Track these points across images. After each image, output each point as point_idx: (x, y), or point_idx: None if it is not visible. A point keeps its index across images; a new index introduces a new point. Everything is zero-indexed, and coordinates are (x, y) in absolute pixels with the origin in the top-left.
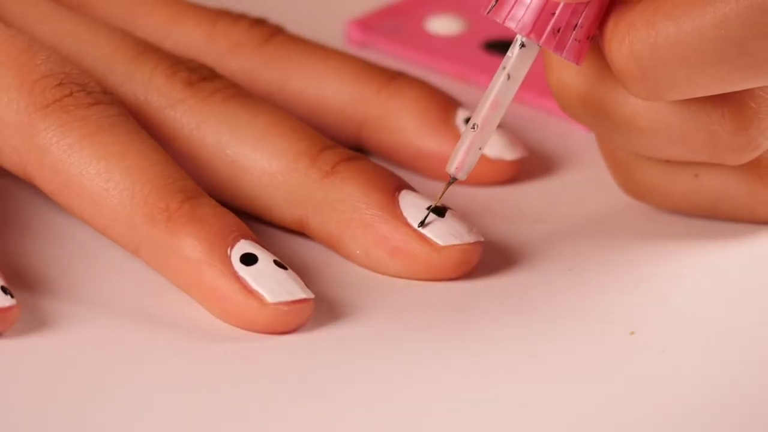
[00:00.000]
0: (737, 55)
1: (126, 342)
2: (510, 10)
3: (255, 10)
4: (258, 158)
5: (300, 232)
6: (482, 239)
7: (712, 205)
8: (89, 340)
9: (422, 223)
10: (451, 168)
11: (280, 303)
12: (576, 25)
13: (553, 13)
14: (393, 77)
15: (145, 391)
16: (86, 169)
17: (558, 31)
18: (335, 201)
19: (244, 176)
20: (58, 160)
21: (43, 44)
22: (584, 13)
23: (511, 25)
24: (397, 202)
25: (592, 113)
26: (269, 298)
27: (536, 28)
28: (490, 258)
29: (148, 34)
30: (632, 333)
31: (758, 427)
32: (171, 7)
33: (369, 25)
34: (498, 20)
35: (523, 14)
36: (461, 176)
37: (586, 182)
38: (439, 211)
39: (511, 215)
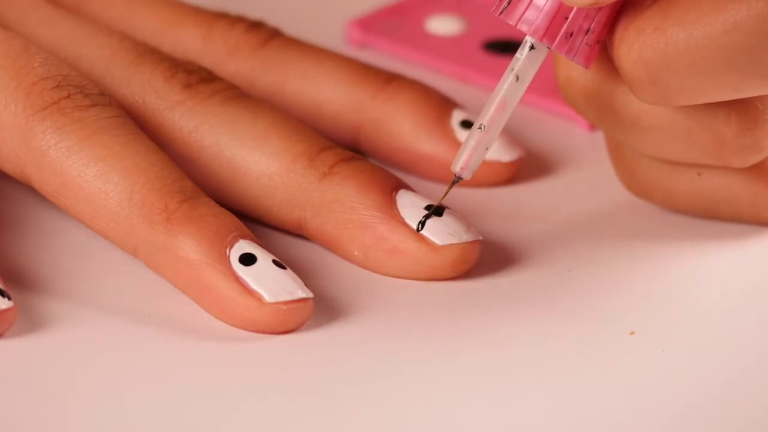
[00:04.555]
0: (746, 63)
1: (125, 342)
2: (523, 13)
3: (255, 10)
4: (256, 159)
5: (299, 234)
6: (480, 238)
7: (713, 206)
8: (88, 340)
9: (422, 225)
10: (456, 167)
11: (279, 302)
12: (588, 30)
13: (567, 18)
14: (389, 80)
15: (145, 392)
16: (84, 171)
17: (571, 35)
18: (333, 202)
19: (243, 178)
20: (56, 162)
21: (40, 47)
22: (596, 17)
23: (523, 27)
24: (395, 202)
25: (598, 109)
26: (268, 297)
27: (549, 31)
28: (489, 258)
29: (146, 37)
30: (632, 333)
31: (758, 427)
32: (169, 9)
33: (369, 25)
34: (510, 22)
35: (537, 18)
36: (466, 176)
37: (586, 182)
38: (437, 210)
39: (510, 215)
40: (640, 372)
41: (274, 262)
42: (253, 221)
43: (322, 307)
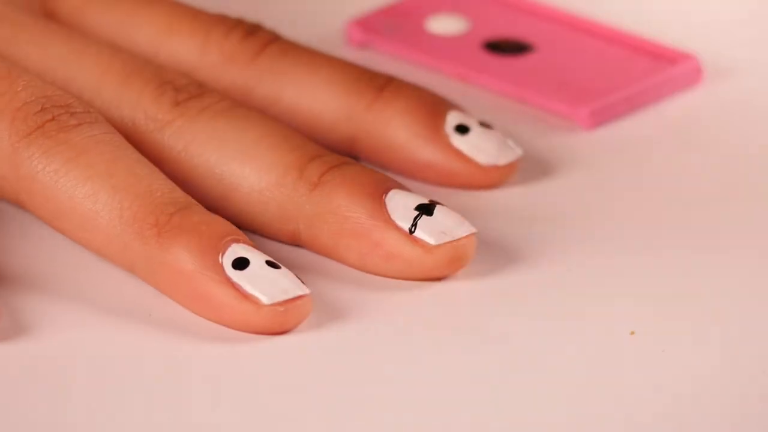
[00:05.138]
0: None
1: (125, 343)
2: None
3: (255, 10)
4: (246, 175)
5: (295, 245)
6: (474, 230)
7: None
8: (88, 340)
9: (414, 226)
10: None
11: (276, 304)
12: None
13: None
14: (383, 86)
15: (144, 392)
16: (74, 193)
17: None
18: (324, 213)
19: (234, 194)
20: (46, 186)
21: (23, 68)
22: None
23: None
24: (385, 206)
25: None
26: (264, 300)
27: None
28: (488, 258)
29: (142, 46)
30: (632, 333)
31: (758, 427)
32: (168, 13)
33: (369, 25)
34: None
35: None
36: None
37: (586, 182)
38: (428, 209)
39: (510, 215)
40: (640, 372)
41: (268, 262)
42: (249, 233)
43: (320, 308)
